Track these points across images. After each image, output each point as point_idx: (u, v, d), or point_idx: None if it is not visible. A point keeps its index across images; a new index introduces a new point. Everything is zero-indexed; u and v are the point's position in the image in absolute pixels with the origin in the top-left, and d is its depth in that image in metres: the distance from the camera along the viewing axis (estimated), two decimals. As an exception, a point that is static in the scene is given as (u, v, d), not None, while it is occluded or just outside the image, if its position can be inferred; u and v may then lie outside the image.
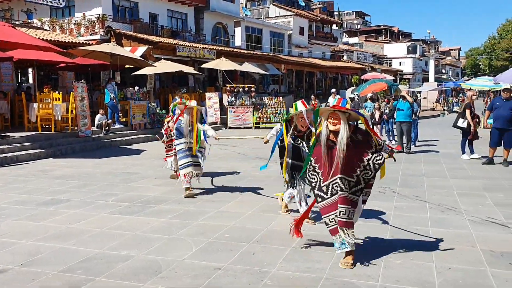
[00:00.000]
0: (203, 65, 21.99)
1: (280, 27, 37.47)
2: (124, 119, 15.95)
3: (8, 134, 11.89)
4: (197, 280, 3.75)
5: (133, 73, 18.25)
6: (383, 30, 67.27)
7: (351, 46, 55.84)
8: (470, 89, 21.87)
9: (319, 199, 4.14)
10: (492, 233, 4.92)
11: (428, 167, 9.44)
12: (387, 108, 13.85)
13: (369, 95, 16.32)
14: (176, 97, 14.77)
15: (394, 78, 44.77)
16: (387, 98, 18.78)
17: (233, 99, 20.11)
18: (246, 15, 36.85)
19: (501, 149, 9.65)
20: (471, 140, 10.51)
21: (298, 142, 5.26)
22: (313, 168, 4.19)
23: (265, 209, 6.03)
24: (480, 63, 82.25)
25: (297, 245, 4.54)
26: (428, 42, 70.23)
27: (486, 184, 7.61)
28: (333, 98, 16.87)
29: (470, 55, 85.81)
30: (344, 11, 71.21)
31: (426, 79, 50.79)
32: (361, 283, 3.65)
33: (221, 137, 7.35)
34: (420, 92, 40.90)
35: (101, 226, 5.29)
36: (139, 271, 3.95)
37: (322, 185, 4.11)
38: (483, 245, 4.50)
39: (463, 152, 10.64)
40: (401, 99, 11.80)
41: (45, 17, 22.61)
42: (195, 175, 7.00)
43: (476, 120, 10.65)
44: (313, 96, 19.55)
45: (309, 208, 4.71)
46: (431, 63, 47.92)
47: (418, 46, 62.92)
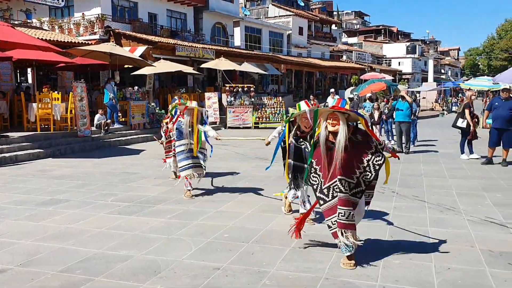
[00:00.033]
0: (202, 65, 21.99)
1: (279, 27, 37.46)
2: (123, 119, 15.95)
3: (7, 134, 11.89)
4: (196, 280, 3.75)
5: (132, 73, 18.25)
6: (382, 30, 67.31)
7: (350, 46, 55.85)
8: (469, 89, 21.90)
9: (321, 202, 4.09)
10: (491, 233, 4.93)
11: (427, 167, 9.45)
12: (386, 108, 13.87)
13: (368, 95, 16.33)
14: (175, 97, 14.78)
15: (393, 78, 44.84)
16: (386, 98, 18.79)
17: (232, 99, 20.11)
18: (246, 15, 36.85)
19: (500, 149, 9.66)
20: (470, 140, 10.52)
21: (301, 143, 5.17)
22: (315, 170, 4.15)
23: (265, 209, 6.03)
24: (479, 63, 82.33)
25: (296, 245, 4.54)
26: (427, 42, 70.25)
27: (485, 184, 7.62)
28: (332, 98, 16.85)
29: (469, 55, 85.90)
30: (344, 11, 71.27)
31: (425, 79, 50.87)
32: (360, 283, 3.65)
33: (222, 138, 7.30)
34: (419, 92, 40.94)
35: (100, 226, 5.29)
36: (138, 271, 3.95)
37: (323, 188, 4.06)
38: (482, 245, 4.50)
39: (462, 152, 10.65)
40: (400, 99, 11.82)
41: (44, 17, 22.59)
42: (197, 176, 6.93)
43: (476, 120, 10.66)
44: (312, 96, 19.55)
45: (310, 209, 4.69)
46: (430, 63, 48.00)
47: (417, 46, 62.96)
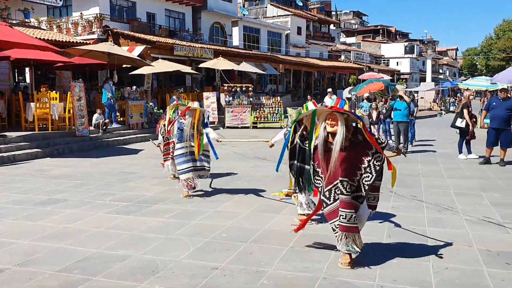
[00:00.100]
0: (201, 65, 21.97)
1: (278, 27, 37.46)
2: (122, 119, 15.93)
3: (5, 134, 11.86)
4: (194, 280, 3.75)
5: (131, 73, 18.21)
6: (381, 30, 67.38)
7: (349, 46, 55.87)
8: (467, 89, 21.92)
9: (324, 205, 4.02)
10: (489, 233, 4.94)
11: (425, 167, 9.46)
12: (384, 108, 13.88)
13: (366, 95, 16.35)
14: (174, 97, 14.77)
15: (392, 78, 44.90)
16: (385, 98, 18.81)
17: (231, 99, 20.09)
18: (244, 15, 36.83)
19: (498, 149, 9.68)
20: (469, 140, 10.54)
21: (306, 144, 5.11)
22: (317, 173, 4.10)
23: (263, 209, 6.03)
24: (477, 63, 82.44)
25: (295, 245, 4.54)
26: (426, 42, 70.28)
27: (483, 184, 7.63)
28: (329, 98, 16.79)
29: (467, 55, 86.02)
30: (342, 11, 71.28)
31: (423, 79, 50.88)
32: (358, 283, 3.65)
33: (224, 140, 7.24)
34: (417, 92, 40.98)
35: (99, 226, 5.29)
36: (136, 271, 3.95)
37: (325, 190, 4.00)
38: (480, 245, 4.52)
39: (460, 152, 10.67)
40: (398, 99, 11.82)
41: (43, 17, 22.54)
42: (199, 178, 6.85)
43: (474, 120, 10.68)
44: (309, 96, 19.49)
45: (315, 211, 4.63)
46: (428, 63, 48.03)
47: (416, 46, 63.04)
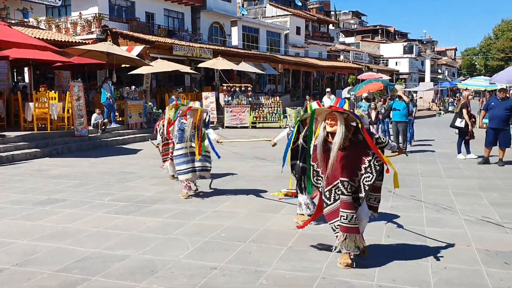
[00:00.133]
0: (200, 65, 21.96)
1: (277, 27, 37.46)
2: (121, 119, 15.91)
3: (4, 134, 11.84)
4: (193, 280, 3.75)
5: (130, 73, 18.20)
6: (380, 30, 67.39)
7: (348, 46, 55.90)
8: (466, 89, 21.94)
9: (324, 205, 4.00)
10: (488, 233, 4.95)
11: (424, 167, 9.47)
12: (383, 108, 13.89)
13: (364, 95, 16.36)
14: (173, 97, 14.76)
15: (391, 78, 44.88)
16: (383, 98, 18.82)
17: (230, 99, 20.10)
18: (243, 15, 36.84)
19: (497, 149, 9.69)
20: (468, 140, 10.56)
21: None
22: (317, 173, 4.06)
23: (262, 209, 6.03)
24: (476, 63, 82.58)
25: (293, 245, 4.54)
26: (424, 42, 70.34)
27: (482, 184, 7.64)
28: (328, 98, 16.75)
29: (466, 55, 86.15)
30: (341, 11, 71.31)
31: (422, 79, 50.96)
32: (357, 283, 3.66)
33: (225, 141, 7.19)
34: (416, 92, 41.05)
35: (97, 226, 5.29)
36: (135, 271, 3.94)
37: (325, 191, 3.97)
38: (479, 245, 4.52)
39: (459, 152, 10.67)
40: (397, 99, 11.83)
41: (41, 16, 22.53)
42: (202, 177, 6.84)
43: (473, 120, 10.70)
44: (308, 97, 19.49)
45: (317, 211, 4.61)
46: (427, 63, 48.11)
47: (414, 46, 63.07)
